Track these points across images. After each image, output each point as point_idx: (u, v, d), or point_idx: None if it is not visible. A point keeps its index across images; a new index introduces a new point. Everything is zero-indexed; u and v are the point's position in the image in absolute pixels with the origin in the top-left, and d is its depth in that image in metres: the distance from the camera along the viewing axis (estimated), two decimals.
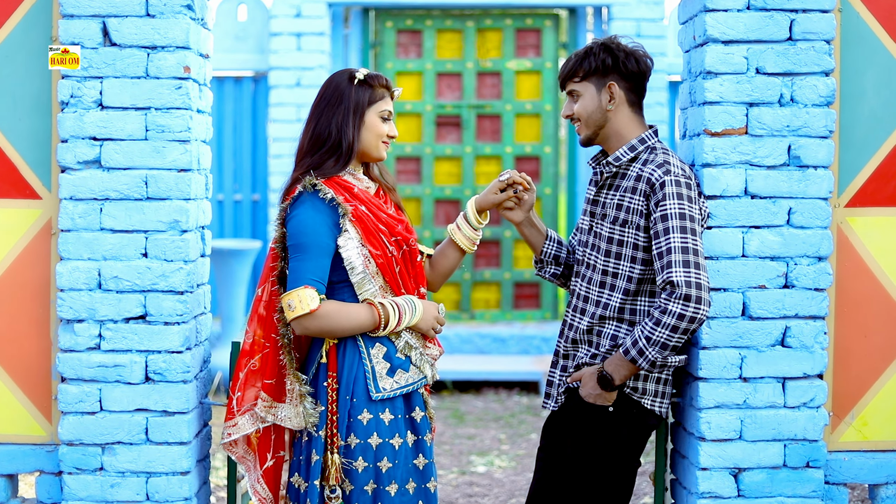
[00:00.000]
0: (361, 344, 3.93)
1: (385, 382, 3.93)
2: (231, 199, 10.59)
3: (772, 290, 4.14)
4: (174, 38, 4.13)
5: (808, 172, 4.13)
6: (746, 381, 4.16)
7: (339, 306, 3.88)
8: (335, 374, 3.90)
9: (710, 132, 4.12)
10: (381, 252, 3.92)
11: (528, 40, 10.86)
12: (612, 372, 3.93)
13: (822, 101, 4.12)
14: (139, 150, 4.14)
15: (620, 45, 4.09)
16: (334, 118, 3.95)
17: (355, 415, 3.89)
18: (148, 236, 4.16)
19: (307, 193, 3.87)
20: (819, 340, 4.16)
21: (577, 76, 4.11)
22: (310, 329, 3.85)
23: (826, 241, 4.14)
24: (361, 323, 3.89)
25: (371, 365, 3.92)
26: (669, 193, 3.88)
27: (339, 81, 4.01)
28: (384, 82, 4.05)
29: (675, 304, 3.78)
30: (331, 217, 3.86)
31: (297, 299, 3.79)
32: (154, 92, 4.13)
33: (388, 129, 4.04)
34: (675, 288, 3.78)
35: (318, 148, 3.96)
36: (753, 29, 4.10)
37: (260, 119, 10.53)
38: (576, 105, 4.12)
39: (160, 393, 4.17)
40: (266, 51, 10.30)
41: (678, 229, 3.85)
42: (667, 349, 3.84)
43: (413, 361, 4.00)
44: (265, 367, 3.99)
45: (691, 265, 3.80)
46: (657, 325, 3.81)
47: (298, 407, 3.91)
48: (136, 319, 4.17)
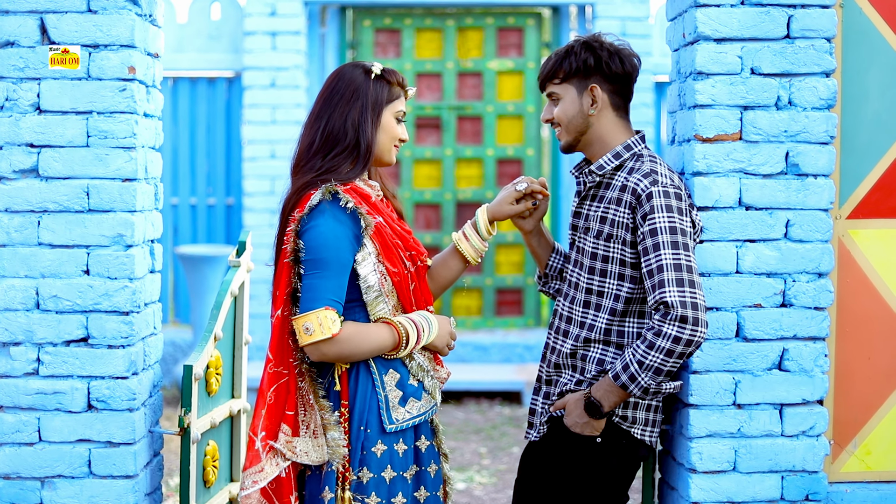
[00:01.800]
0: (374, 370, 3.65)
1: (398, 413, 3.66)
2: (204, 203, 10.48)
3: (768, 310, 3.88)
4: (118, 36, 3.83)
5: (807, 181, 3.87)
6: (741, 408, 3.89)
7: (358, 328, 3.59)
8: (347, 402, 3.62)
9: (701, 138, 3.84)
10: (397, 269, 3.65)
11: (510, 40, 10.71)
12: (600, 398, 3.64)
13: (822, 104, 3.86)
14: (80, 157, 3.85)
15: (604, 43, 3.79)
16: (349, 114, 3.64)
17: (369, 447, 3.61)
18: (90, 252, 3.86)
19: (327, 202, 3.54)
20: (819, 363, 3.89)
21: (557, 77, 3.82)
22: (328, 355, 3.55)
23: (827, 255, 3.87)
24: (382, 345, 3.61)
25: (384, 394, 3.64)
26: (657, 206, 3.59)
27: (353, 74, 3.69)
28: (401, 80, 3.76)
29: (669, 325, 3.49)
30: (352, 229, 3.55)
31: (315, 322, 3.48)
32: (96, 94, 3.84)
33: (402, 131, 3.76)
34: (670, 309, 3.50)
35: (332, 148, 3.64)
36: (748, 26, 3.84)
37: (234, 121, 10.41)
38: (556, 109, 3.84)
39: (104, 422, 3.87)
40: (240, 50, 10.17)
41: (669, 245, 3.56)
42: (661, 374, 3.55)
43: (425, 387, 3.74)
44: (284, 397, 3.65)
45: (685, 283, 3.51)
46: (650, 349, 3.52)
47: (318, 438, 3.60)
48: (78, 342, 3.88)
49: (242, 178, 10.07)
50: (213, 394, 4.23)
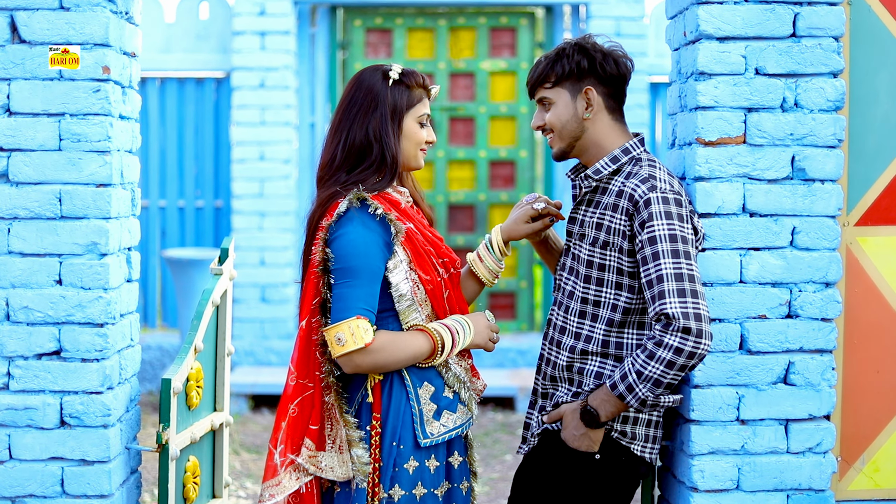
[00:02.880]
0: (408, 382, 3.53)
1: (433, 427, 3.56)
2: (192, 206, 10.33)
3: (773, 321, 3.72)
4: (92, 35, 3.67)
5: (813, 187, 3.71)
6: (745, 424, 3.73)
7: (392, 337, 3.48)
8: (380, 415, 3.50)
9: (703, 141, 3.68)
10: (430, 277, 3.56)
11: (503, 40, 10.54)
12: (596, 407, 3.48)
13: (829, 105, 3.70)
14: (52, 162, 3.68)
15: (596, 44, 3.64)
16: (369, 125, 3.53)
17: (401, 463, 3.50)
18: (62, 261, 3.70)
19: (355, 209, 3.45)
20: (826, 377, 3.73)
21: (549, 81, 3.66)
22: (362, 366, 3.45)
23: (834, 264, 3.71)
24: (417, 353, 3.51)
25: (419, 408, 3.54)
26: (656, 212, 3.43)
27: (371, 81, 3.58)
28: (421, 81, 3.63)
29: (672, 336, 3.32)
30: (382, 236, 3.45)
31: (347, 332, 3.38)
32: (69, 96, 3.67)
33: (427, 134, 3.64)
34: (672, 320, 3.33)
35: (357, 161, 3.54)
36: (752, 24, 3.68)
37: (222, 122, 10.25)
38: (547, 114, 3.68)
39: (77, 439, 3.70)
40: (229, 50, 10.01)
41: (669, 253, 3.39)
42: (660, 387, 3.38)
43: (461, 398, 3.64)
44: (309, 411, 3.55)
45: (688, 294, 3.34)
46: (650, 359, 3.35)
47: (344, 454, 3.48)
48: (50, 355, 3.71)
49: (231, 180, 9.92)
50: (194, 407, 4.07)
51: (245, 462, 7.75)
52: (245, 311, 9.72)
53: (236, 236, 9.68)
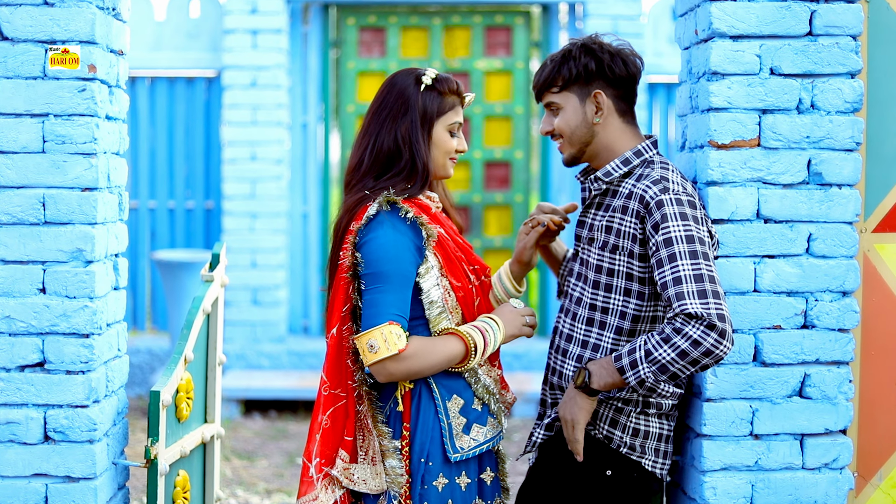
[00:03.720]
0: (437, 394, 3.41)
1: (462, 441, 3.44)
2: (183, 207, 10.21)
3: (788, 331, 3.57)
4: (77, 32, 3.50)
5: (830, 192, 3.57)
6: (758, 439, 3.58)
7: (424, 342, 3.37)
8: (409, 425, 3.39)
9: (715, 144, 3.53)
10: (461, 284, 3.47)
11: (499, 39, 10.41)
12: (593, 371, 3.32)
13: (847, 107, 3.55)
14: (35, 164, 3.52)
15: (604, 44, 3.49)
16: (398, 130, 3.42)
17: (430, 480, 3.38)
18: (46, 268, 3.53)
19: (385, 212, 3.35)
20: (843, 390, 3.59)
21: (556, 85, 3.51)
22: (395, 374, 3.33)
23: (852, 272, 3.57)
24: (451, 356, 3.38)
25: (448, 421, 3.42)
26: (670, 214, 3.28)
27: (403, 85, 3.47)
28: (455, 87, 3.51)
29: (694, 328, 3.16)
30: (413, 241, 3.35)
31: (380, 339, 3.27)
32: (53, 95, 3.51)
33: (458, 143, 3.52)
34: (696, 318, 3.17)
35: (386, 167, 3.43)
36: (767, 22, 3.53)
37: (213, 122, 10.13)
38: (556, 119, 3.53)
39: (62, 455, 3.54)
40: (220, 49, 9.89)
41: (687, 255, 3.24)
42: (665, 373, 3.21)
43: (491, 410, 3.52)
44: (343, 421, 3.44)
45: (709, 294, 3.19)
46: (664, 343, 3.19)
47: (377, 465, 3.37)
48: (33, 367, 3.55)
49: (222, 180, 9.81)
50: (184, 420, 3.92)
51: (236, 469, 7.60)
52: (236, 314, 9.59)
53: (227, 238, 9.57)
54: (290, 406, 9.35)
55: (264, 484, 7.28)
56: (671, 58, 9.89)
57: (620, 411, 3.43)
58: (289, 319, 10.11)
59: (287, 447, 8.19)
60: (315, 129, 10.19)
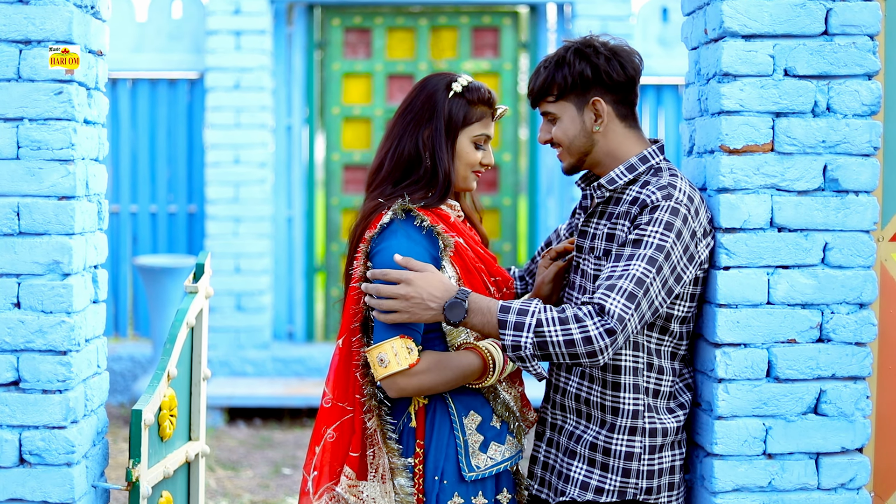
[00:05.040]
0: (453, 410, 3.27)
1: (478, 459, 3.29)
2: (165, 211, 10.06)
3: (803, 346, 3.39)
4: (53, 31, 3.31)
5: (847, 199, 3.39)
6: (772, 458, 3.41)
7: (439, 357, 3.23)
8: (423, 442, 3.24)
9: (727, 149, 3.35)
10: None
11: (486, 40, 10.28)
12: (473, 308, 3.11)
13: (865, 110, 3.38)
14: (9, 172, 3.33)
15: (598, 47, 3.31)
16: (420, 136, 3.30)
17: (444, 500, 3.25)
18: (21, 281, 3.34)
19: (399, 221, 3.25)
20: (861, 406, 3.42)
21: (552, 94, 3.34)
22: (406, 389, 3.19)
23: (870, 283, 3.40)
24: (467, 372, 3.24)
25: (464, 439, 3.28)
26: (657, 219, 3.13)
27: (433, 89, 3.34)
28: (485, 97, 3.36)
29: (595, 326, 3.00)
30: (428, 250, 3.24)
31: (390, 352, 3.14)
32: (28, 98, 3.32)
33: (483, 157, 3.38)
34: (605, 315, 3.00)
35: (405, 174, 3.32)
36: (781, 20, 3.35)
37: (196, 124, 9.98)
38: (554, 129, 3.35)
39: (38, 479, 3.35)
40: (202, 50, 9.77)
41: (646, 259, 3.09)
42: (542, 351, 3.04)
43: (510, 429, 3.38)
44: (349, 436, 3.30)
45: (634, 303, 3.04)
46: (559, 322, 3.02)
47: (387, 484, 3.22)
48: (7, 386, 3.35)
49: (205, 184, 9.66)
50: (167, 438, 3.73)
51: (220, 479, 7.42)
52: (220, 320, 9.44)
53: (210, 242, 9.42)
54: (275, 414, 9.19)
55: (249, 495, 7.11)
56: (661, 59, 9.78)
57: (630, 457, 3.26)
58: (273, 325, 9.96)
59: (272, 456, 8.02)
60: (300, 132, 10.06)
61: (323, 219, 10.34)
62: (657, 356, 3.28)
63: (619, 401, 3.26)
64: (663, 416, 3.30)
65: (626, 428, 3.26)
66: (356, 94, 10.16)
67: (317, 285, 10.37)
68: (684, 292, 3.27)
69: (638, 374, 3.26)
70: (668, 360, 3.32)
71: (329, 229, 10.18)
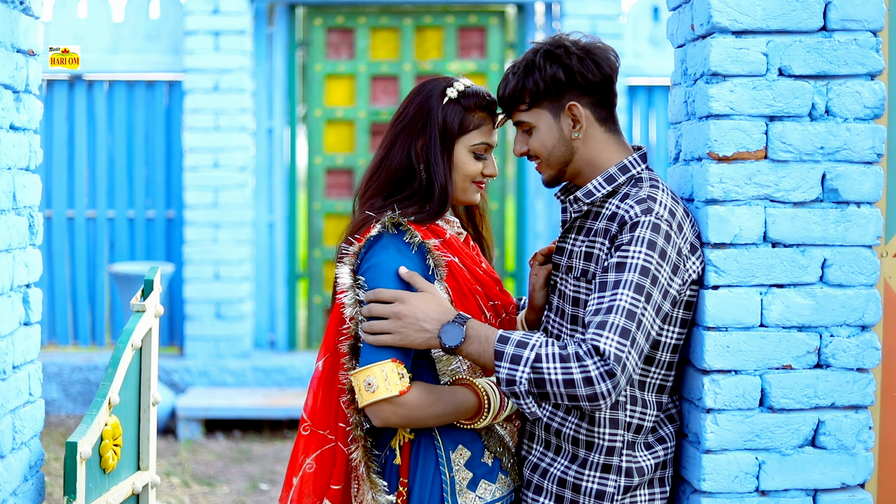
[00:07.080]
0: (439, 443, 3.04)
1: (466, 497, 3.05)
2: (143, 217, 9.83)
3: (800, 372, 3.14)
4: None
5: (848, 211, 3.14)
6: (765, 496, 3.15)
7: (430, 389, 3.00)
8: (407, 481, 3.04)
9: (716, 156, 3.09)
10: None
11: (472, 40, 10.09)
12: (471, 336, 2.89)
13: (867, 113, 3.13)
14: None
15: (569, 47, 3.04)
16: (412, 147, 3.07)
17: None
18: None
19: (388, 235, 3.02)
20: (863, 438, 3.16)
21: (524, 102, 3.08)
22: (391, 419, 2.94)
23: (873, 303, 3.14)
24: (459, 410, 3.01)
25: (450, 475, 3.05)
26: (639, 238, 2.87)
27: (427, 95, 3.11)
28: (484, 103, 3.11)
29: (596, 367, 2.74)
30: (418, 267, 3.02)
31: (380, 376, 2.91)
32: None
33: (485, 167, 3.13)
34: (603, 357, 2.74)
35: (397, 187, 3.10)
36: (775, 15, 3.10)
37: (174, 127, 9.76)
38: (530, 139, 3.08)
39: None
40: (181, 51, 9.56)
41: (632, 286, 2.82)
42: (539, 388, 2.79)
43: (503, 465, 3.13)
44: (330, 467, 3.08)
45: (629, 341, 2.78)
46: (560, 360, 2.77)
47: None
48: None
49: (183, 189, 9.45)
50: (111, 470, 3.46)
51: (195, 496, 7.16)
52: (199, 328, 9.21)
53: (189, 249, 9.22)
54: (254, 426, 8.94)
55: None
56: (652, 59, 9.60)
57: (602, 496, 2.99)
58: (254, 334, 9.73)
59: (251, 471, 7.76)
60: (281, 135, 9.86)
61: (305, 224, 10.13)
62: (641, 389, 3.01)
63: (593, 435, 2.99)
64: (638, 455, 3.02)
65: (598, 465, 2.98)
66: (339, 95, 9.97)
67: (299, 292, 10.13)
68: (674, 316, 3.00)
69: (618, 408, 2.98)
70: (654, 394, 3.04)
71: (311, 235, 9.95)
